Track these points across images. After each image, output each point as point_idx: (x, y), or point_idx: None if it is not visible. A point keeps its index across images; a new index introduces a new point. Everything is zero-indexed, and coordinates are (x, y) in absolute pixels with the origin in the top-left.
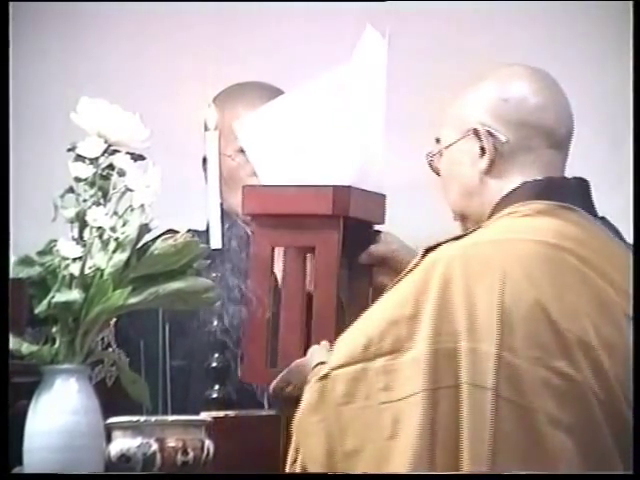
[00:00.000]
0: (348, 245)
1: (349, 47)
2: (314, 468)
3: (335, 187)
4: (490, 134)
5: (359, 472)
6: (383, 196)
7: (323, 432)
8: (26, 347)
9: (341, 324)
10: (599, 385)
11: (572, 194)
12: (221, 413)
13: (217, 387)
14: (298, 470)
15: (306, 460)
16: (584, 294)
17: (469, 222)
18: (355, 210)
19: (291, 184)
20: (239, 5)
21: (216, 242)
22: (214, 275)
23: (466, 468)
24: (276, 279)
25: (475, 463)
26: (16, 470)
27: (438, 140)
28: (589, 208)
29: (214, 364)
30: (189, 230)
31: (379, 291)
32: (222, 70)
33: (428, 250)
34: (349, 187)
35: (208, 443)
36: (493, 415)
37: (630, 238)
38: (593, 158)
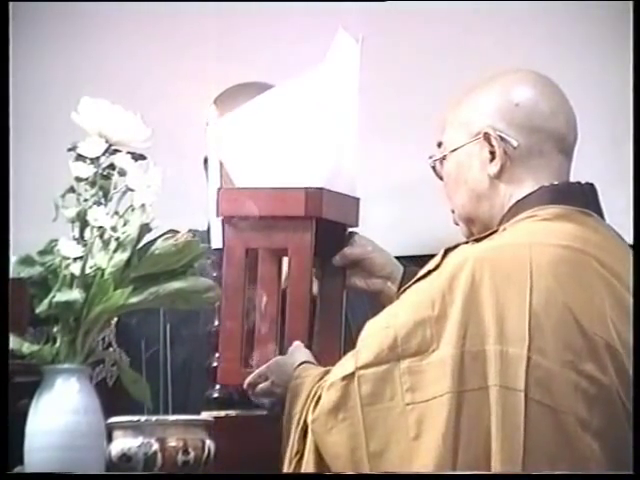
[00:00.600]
0: (321, 247)
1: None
2: (336, 467)
3: (308, 189)
4: (501, 139)
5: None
6: (356, 199)
7: (346, 431)
8: (27, 347)
9: (314, 325)
10: (624, 389)
11: (586, 199)
12: (222, 413)
13: (218, 387)
14: (304, 467)
15: (329, 458)
16: (607, 298)
17: (475, 225)
18: (328, 212)
19: (265, 186)
20: (240, 4)
21: (217, 242)
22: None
23: (498, 470)
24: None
25: (507, 465)
26: (17, 470)
27: (440, 144)
28: (599, 212)
29: (214, 364)
30: (190, 230)
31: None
32: (223, 70)
33: (448, 250)
34: (321, 189)
35: (209, 443)
36: (524, 417)
37: (630, 238)
38: (593, 158)
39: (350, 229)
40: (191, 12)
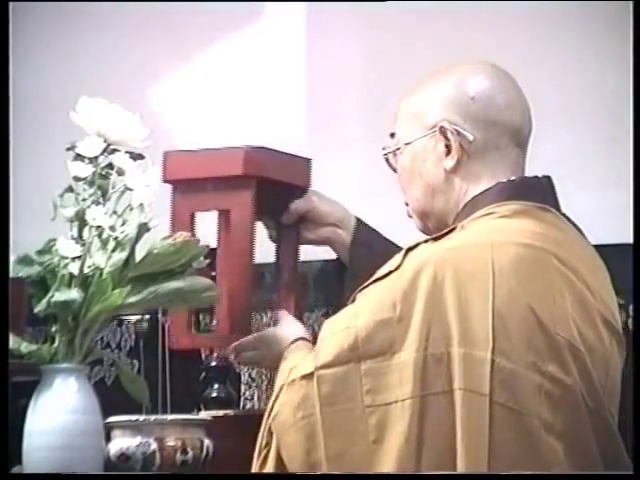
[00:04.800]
0: (272, 207)
1: (351, 47)
2: (293, 468)
3: (247, 148)
4: (457, 132)
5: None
6: (307, 160)
7: (303, 431)
8: (25, 346)
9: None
10: (587, 390)
11: (543, 193)
12: (220, 412)
13: (217, 386)
14: (270, 469)
15: (285, 458)
16: (568, 297)
17: (430, 220)
18: (273, 172)
19: (206, 147)
20: (241, 5)
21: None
22: None
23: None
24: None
25: (473, 469)
26: (15, 469)
27: (393, 135)
28: (557, 206)
29: (214, 363)
30: None
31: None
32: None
33: (409, 250)
34: (262, 148)
35: (207, 442)
36: (489, 421)
37: (630, 238)
38: (594, 158)
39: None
40: (189, 12)
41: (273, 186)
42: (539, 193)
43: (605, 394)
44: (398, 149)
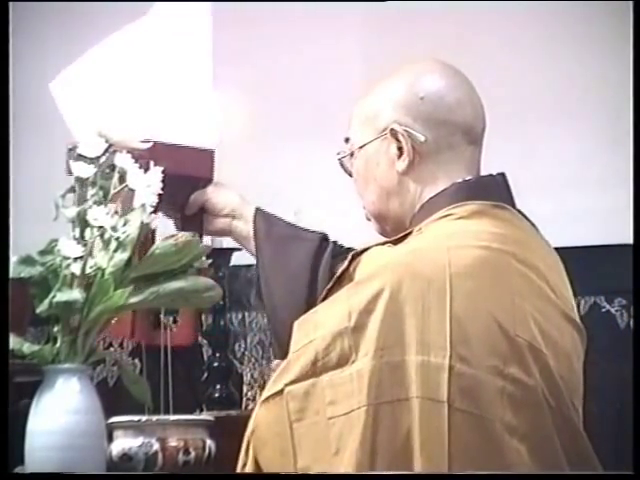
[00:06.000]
0: (176, 200)
1: (351, 47)
2: None
3: (144, 144)
4: (408, 134)
5: None
6: (210, 151)
7: (278, 447)
8: (27, 347)
9: None
10: (549, 389)
11: (499, 191)
12: (223, 412)
13: (219, 386)
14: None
15: (266, 471)
16: (528, 297)
17: (387, 222)
18: (174, 166)
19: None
20: (244, 5)
21: (217, 241)
22: None
23: None
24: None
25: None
26: (18, 470)
27: (347, 140)
28: (512, 203)
29: (215, 364)
30: None
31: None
32: (225, 69)
33: (355, 255)
34: (161, 143)
35: (210, 443)
36: (449, 427)
37: (630, 238)
38: (594, 157)
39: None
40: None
41: (177, 180)
42: (495, 192)
43: (569, 389)
44: (352, 153)
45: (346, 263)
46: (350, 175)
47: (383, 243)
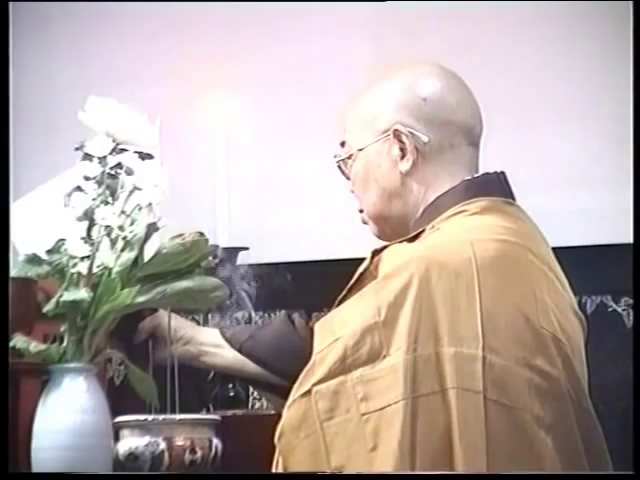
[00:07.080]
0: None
1: (352, 47)
2: None
3: None
4: (412, 135)
5: None
6: None
7: (308, 449)
8: (34, 346)
9: None
10: (570, 381)
11: (504, 188)
12: (229, 412)
13: (225, 386)
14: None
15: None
16: (546, 290)
17: (388, 224)
18: None
19: None
20: (250, 6)
21: (225, 240)
22: None
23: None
24: None
25: (471, 467)
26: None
27: (343, 144)
28: (514, 199)
29: None
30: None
31: None
32: (232, 70)
33: (376, 252)
34: None
35: (216, 442)
36: (484, 418)
37: (630, 238)
38: (595, 157)
39: None
40: (197, 12)
41: None
42: (500, 188)
43: (584, 381)
44: (350, 156)
45: (367, 261)
46: (348, 178)
47: (400, 241)
